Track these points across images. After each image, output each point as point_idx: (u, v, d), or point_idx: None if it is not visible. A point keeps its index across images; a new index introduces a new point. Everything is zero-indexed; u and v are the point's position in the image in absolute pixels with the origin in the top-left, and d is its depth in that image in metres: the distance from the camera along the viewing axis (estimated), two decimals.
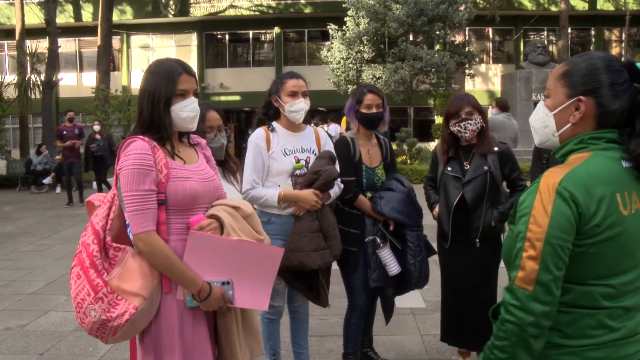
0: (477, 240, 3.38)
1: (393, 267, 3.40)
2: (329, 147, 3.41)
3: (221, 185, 2.31)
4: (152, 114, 2.08)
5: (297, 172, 3.24)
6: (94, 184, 13.26)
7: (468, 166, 3.42)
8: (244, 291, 2.07)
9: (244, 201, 2.24)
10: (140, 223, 1.96)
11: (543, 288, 1.43)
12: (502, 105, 8.89)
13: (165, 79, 2.08)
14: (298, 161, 3.26)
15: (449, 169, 3.46)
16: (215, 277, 2.05)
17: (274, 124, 3.32)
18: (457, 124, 3.41)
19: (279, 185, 3.21)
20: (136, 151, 1.99)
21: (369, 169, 3.50)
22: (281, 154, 3.24)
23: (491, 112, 9.13)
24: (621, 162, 1.51)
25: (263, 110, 3.37)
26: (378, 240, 3.39)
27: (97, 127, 12.52)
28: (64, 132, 11.98)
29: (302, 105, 3.24)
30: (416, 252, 3.42)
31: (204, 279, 2.03)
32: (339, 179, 3.31)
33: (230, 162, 3.15)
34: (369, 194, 3.48)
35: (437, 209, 3.62)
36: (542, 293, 1.43)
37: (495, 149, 3.42)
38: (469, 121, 3.37)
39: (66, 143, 11.90)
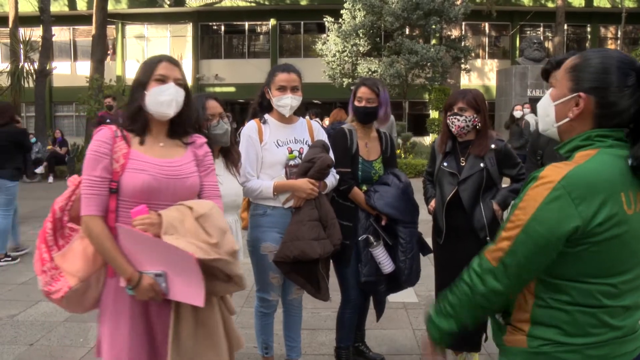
0: (488, 238, 3.31)
1: (387, 265, 3.38)
2: (322, 137, 3.38)
3: (210, 186, 2.28)
4: (130, 102, 2.17)
5: (291, 162, 3.22)
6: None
7: (464, 162, 3.40)
8: (178, 285, 2.04)
9: (202, 201, 2.16)
10: (86, 207, 2.06)
11: (504, 268, 1.48)
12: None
13: (144, 67, 2.18)
14: (291, 152, 3.23)
15: (445, 164, 3.44)
16: (150, 268, 2.06)
17: (266, 116, 3.29)
18: (448, 117, 3.41)
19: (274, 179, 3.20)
20: (96, 138, 2.09)
21: (366, 162, 3.47)
22: (274, 145, 3.21)
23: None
24: (627, 160, 1.48)
25: (258, 100, 3.35)
26: (371, 238, 3.36)
27: None
28: (107, 121, 10.20)
29: (287, 101, 3.19)
30: (407, 249, 3.37)
31: (139, 269, 2.05)
32: (334, 170, 3.29)
33: (233, 151, 3.13)
34: (364, 187, 3.45)
35: (432, 204, 3.61)
36: (501, 272, 1.49)
37: (493, 146, 3.39)
38: (458, 117, 3.34)
39: None
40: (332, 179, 3.29)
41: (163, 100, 2.13)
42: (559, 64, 1.64)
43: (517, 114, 11.27)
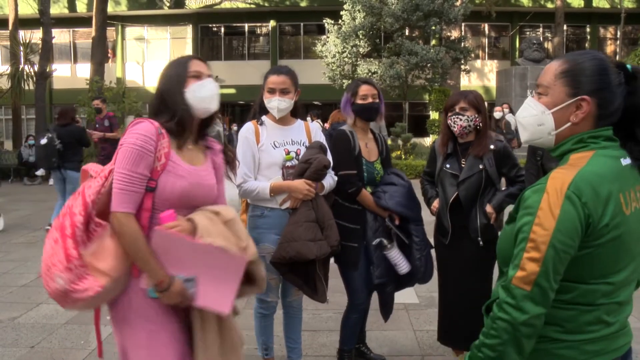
0: (480, 239, 3.36)
1: (403, 266, 3.38)
2: (320, 138, 3.38)
3: (222, 194, 2.29)
4: (163, 97, 2.10)
5: (288, 163, 3.22)
6: None
7: (465, 164, 3.42)
8: (208, 292, 2.02)
9: (227, 207, 2.21)
10: (122, 202, 1.97)
11: (540, 290, 1.43)
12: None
13: (176, 66, 2.15)
14: (288, 153, 3.23)
15: (447, 165, 3.45)
16: (180, 272, 2.02)
17: (264, 117, 3.31)
18: (449, 117, 3.41)
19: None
20: (141, 131, 2.01)
21: (369, 163, 3.46)
22: (270, 146, 3.22)
23: None
24: (620, 160, 1.51)
25: (259, 102, 3.36)
26: (385, 241, 3.36)
27: None
28: (96, 125, 9.78)
29: (275, 104, 3.20)
30: (422, 247, 3.41)
31: (169, 272, 2.01)
32: (332, 171, 3.29)
33: (227, 151, 3.10)
34: (369, 189, 3.44)
35: (435, 204, 3.61)
36: (539, 294, 1.43)
37: (492, 147, 3.39)
38: (459, 116, 3.36)
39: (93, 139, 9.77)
40: (329, 180, 3.28)
41: (204, 95, 2.12)
42: None
43: (497, 115, 11.26)
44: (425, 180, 3.76)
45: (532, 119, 1.61)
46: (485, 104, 3.50)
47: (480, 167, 3.35)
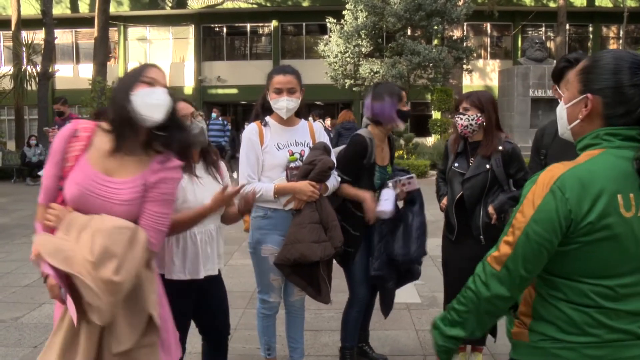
0: (482, 237, 3.39)
1: (387, 205, 3.35)
2: (324, 139, 3.38)
3: (148, 214, 2.06)
4: (112, 97, 2.12)
5: (292, 164, 3.21)
6: None
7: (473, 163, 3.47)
8: (71, 303, 1.95)
9: (113, 220, 1.96)
10: (40, 193, 2.11)
11: (508, 272, 1.50)
12: None
13: (132, 70, 2.15)
14: (292, 154, 3.23)
15: (456, 164, 3.51)
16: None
17: (267, 118, 3.29)
18: (454, 117, 3.49)
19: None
20: (59, 133, 2.08)
21: (382, 168, 3.49)
22: (274, 148, 3.20)
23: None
24: (632, 162, 1.46)
25: (261, 102, 3.35)
26: (390, 183, 3.43)
27: None
28: (56, 127, 9.52)
29: (283, 104, 3.17)
30: (417, 235, 3.44)
31: None
32: (335, 172, 3.29)
33: (210, 152, 2.99)
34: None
35: (444, 201, 3.67)
36: (506, 276, 1.50)
37: (500, 147, 3.41)
38: (461, 116, 3.42)
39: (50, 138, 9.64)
40: (333, 181, 3.28)
41: (150, 102, 2.01)
42: (577, 62, 1.68)
43: None
44: (440, 177, 3.84)
45: (558, 113, 1.70)
46: (494, 104, 3.53)
47: (487, 166, 3.38)
